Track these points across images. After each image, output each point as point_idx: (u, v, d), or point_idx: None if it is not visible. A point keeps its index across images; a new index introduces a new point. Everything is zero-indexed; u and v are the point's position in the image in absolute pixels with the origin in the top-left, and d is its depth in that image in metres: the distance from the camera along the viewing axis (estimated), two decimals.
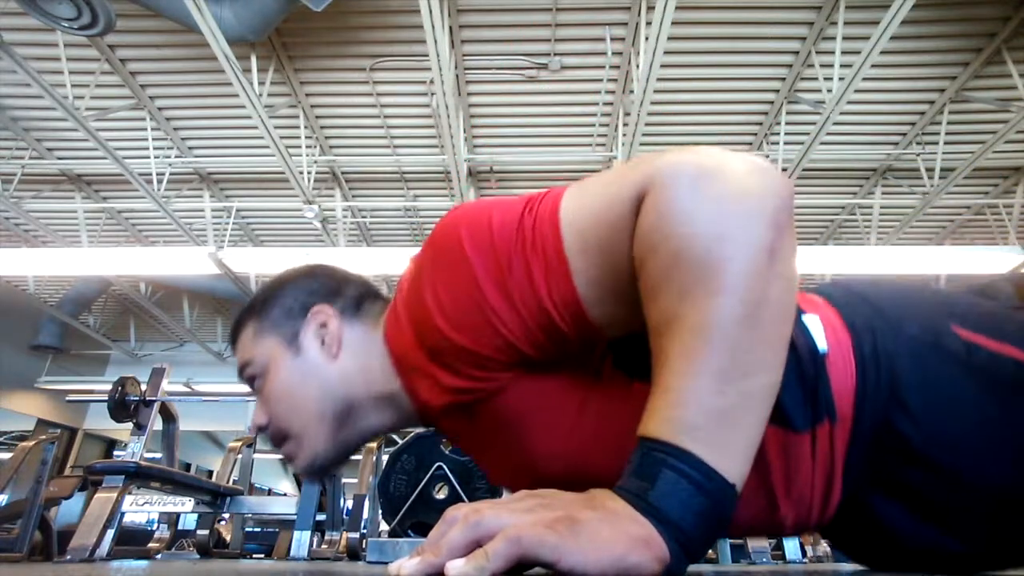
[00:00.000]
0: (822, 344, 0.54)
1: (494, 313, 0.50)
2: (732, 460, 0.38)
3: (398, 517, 2.66)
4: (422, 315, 0.54)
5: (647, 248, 0.43)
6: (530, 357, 0.52)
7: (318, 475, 0.67)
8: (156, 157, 4.68)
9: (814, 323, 0.55)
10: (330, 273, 0.72)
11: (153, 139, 4.61)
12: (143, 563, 2.05)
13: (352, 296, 0.69)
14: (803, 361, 0.53)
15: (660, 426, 0.39)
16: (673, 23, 3.08)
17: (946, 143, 4.45)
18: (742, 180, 0.42)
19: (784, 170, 4.38)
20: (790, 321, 0.42)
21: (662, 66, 3.37)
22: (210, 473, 10.40)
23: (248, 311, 0.70)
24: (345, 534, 3.34)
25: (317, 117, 4.57)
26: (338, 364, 0.64)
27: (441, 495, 2.72)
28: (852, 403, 0.53)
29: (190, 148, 4.91)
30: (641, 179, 0.45)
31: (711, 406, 0.38)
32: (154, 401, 3.54)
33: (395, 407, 0.64)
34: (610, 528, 0.36)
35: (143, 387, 3.58)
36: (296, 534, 3.05)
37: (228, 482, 3.55)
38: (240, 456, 3.81)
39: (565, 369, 0.55)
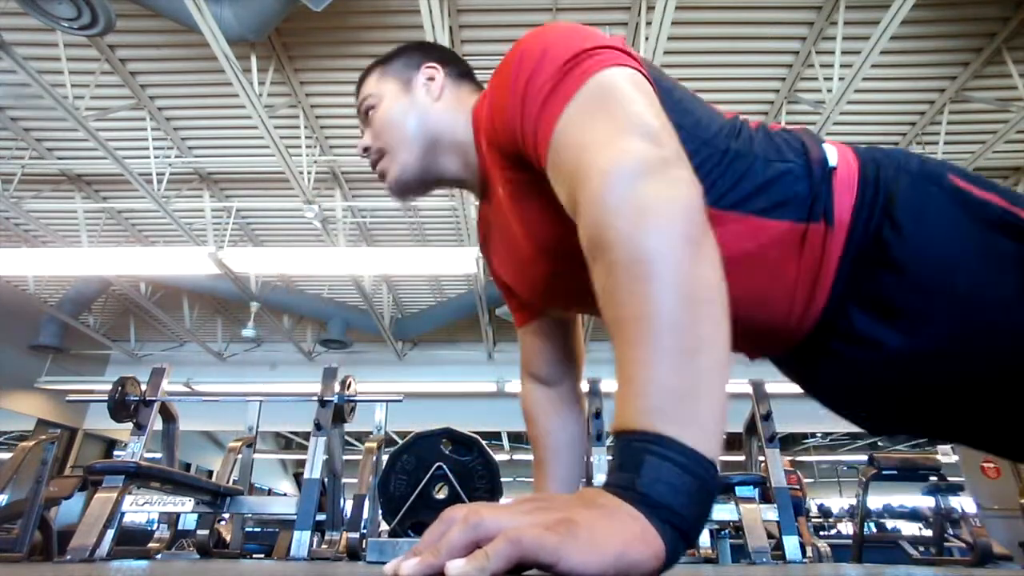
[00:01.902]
0: (833, 160, 0.62)
1: (514, 115, 0.61)
2: (704, 437, 0.39)
3: (398, 517, 2.67)
4: (491, 105, 0.67)
5: (589, 256, 0.48)
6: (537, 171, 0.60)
7: (404, 190, 0.82)
8: (156, 157, 4.68)
9: (830, 148, 0.64)
10: (446, 48, 0.90)
11: (153, 139, 4.61)
12: (143, 563, 2.06)
13: (459, 68, 0.85)
14: (813, 169, 0.61)
15: (632, 417, 0.40)
16: (673, 23, 3.08)
17: (946, 143, 4.45)
18: (647, 179, 0.46)
19: None
20: (725, 302, 0.44)
21: (662, 66, 3.37)
22: (210, 473, 10.40)
23: (377, 62, 0.86)
24: (345, 534, 3.34)
25: (317, 117, 4.57)
26: (436, 106, 0.80)
27: (441, 495, 2.72)
28: (850, 213, 0.60)
29: (190, 148, 4.91)
30: (577, 173, 0.51)
31: (671, 387, 0.40)
32: (154, 401, 3.54)
33: (464, 160, 0.80)
34: (607, 526, 0.36)
35: (143, 387, 3.59)
36: (296, 534, 3.05)
37: (228, 482, 3.55)
38: (240, 456, 3.81)
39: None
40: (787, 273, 0.61)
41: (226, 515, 3.85)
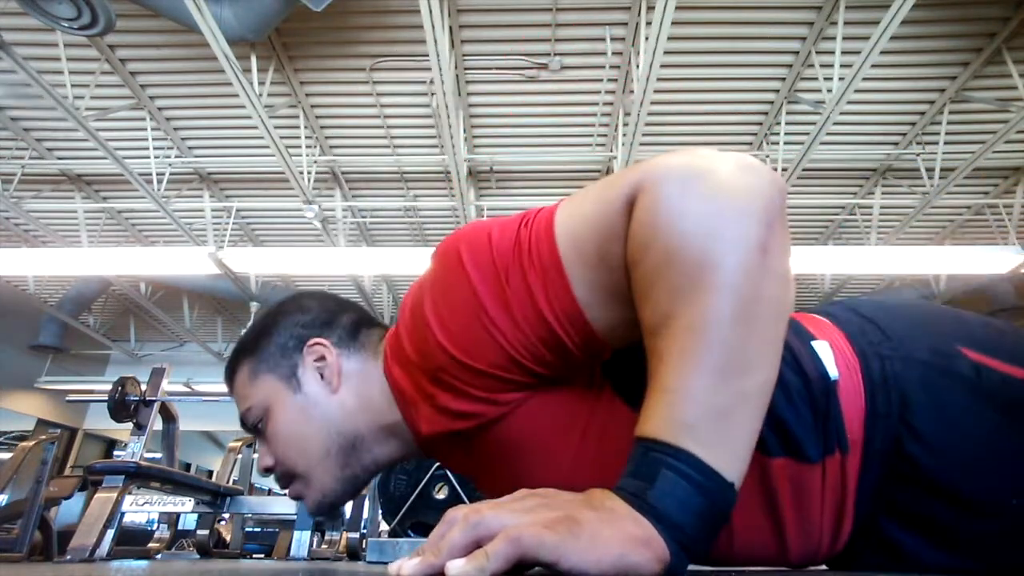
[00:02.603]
0: (833, 371, 0.53)
1: (496, 328, 0.50)
2: (730, 459, 0.38)
3: (398, 517, 2.67)
4: (424, 334, 0.53)
5: (639, 249, 0.43)
6: (533, 373, 0.52)
7: (328, 513, 0.66)
8: (156, 157, 4.67)
9: (824, 350, 0.54)
10: (322, 301, 0.70)
11: (153, 139, 4.61)
12: (143, 563, 2.05)
13: (347, 325, 0.67)
14: (814, 389, 0.52)
15: (658, 426, 0.39)
16: (673, 23, 3.08)
17: (946, 143, 4.45)
18: (732, 178, 0.43)
19: (784, 170, 4.38)
20: (785, 318, 0.42)
21: (662, 66, 3.37)
22: (210, 473, 10.40)
23: (241, 351, 0.68)
24: (345, 534, 3.34)
25: (317, 117, 4.57)
26: (339, 398, 0.63)
27: (441, 495, 2.72)
28: (862, 430, 0.52)
29: (190, 148, 4.91)
30: (632, 182, 0.45)
31: (708, 405, 0.38)
32: (154, 401, 3.54)
33: (398, 438, 0.63)
34: (610, 528, 0.36)
35: (143, 387, 3.59)
36: (296, 534, 3.05)
37: (228, 482, 3.55)
38: (240, 456, 3.81)
39: (565, 397, 0.54)
40: (812, 508, 0.53)
41: (226, 515, 3.84)
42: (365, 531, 3.38)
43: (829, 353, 0.54)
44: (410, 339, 0.56)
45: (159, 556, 3.70)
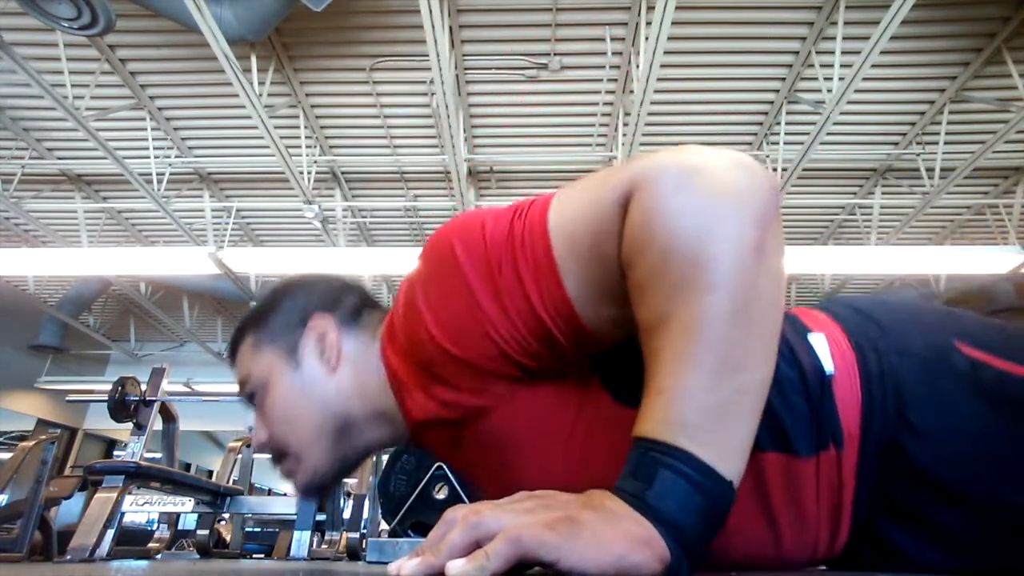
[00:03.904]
0: (829, 366, 0.53)
1: (487, 320, 0.50)
2: (728, 457, 0.38)
3: (398, 517, 2.67)
4: (416, 325, 0.54)
5: (634, 248, 0.43)
6: (523, 367, 0.52)
7: (317, 493, 0.67)
8: (156, 157, 4.67)
9: (820, 343, 0.54)
10: (328, 281, 0.71)
11: (153, 139, 4.61)
12: (143, 563, 2.05)
13: (351, 305, 0.68)
14: (810, 384, 0.52)
15: (656, 426, 0.39)
16: (673, 23, 3.08)
17: (946, 143, 4.45)
18: (726, 177, 0.43)
19: (784, 170, 4.38)
20: (780, 316, 0.42)
21: (662, 66, 3.37)
22: (210, 473, 10.39)
23: (246, 324, 0.69)
24: (345, 534, 3.34)
25: (317, 117, 4.57)
26: (336, 377, 0.63)
27: (441, 495, 2.72)
28: (859, 424, 0.52)
29: (190, 148, 4.91)
30: (627, 179, 0.45)
31: (705, 404, 0.38)
32: (154, 401, 3.54)
33: (391, 423, 0.63)
34: (610, 528, 0.36)
35: (143, 387, 3.59)
36: (296, 534, 3.05)
37: (228, 482, 3.55)
38: (240, 456, 3.81)
39: (554, 390, 0.54)
40: (807, 505, 0.52)
41: (226, 515, 3.85)
42: (365, 531, 3.38)
43: (825, 347, 0.54)
44: (403, 329, 0.56)
45: (159, 556, 3.70)
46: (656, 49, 3.18)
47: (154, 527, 5.40)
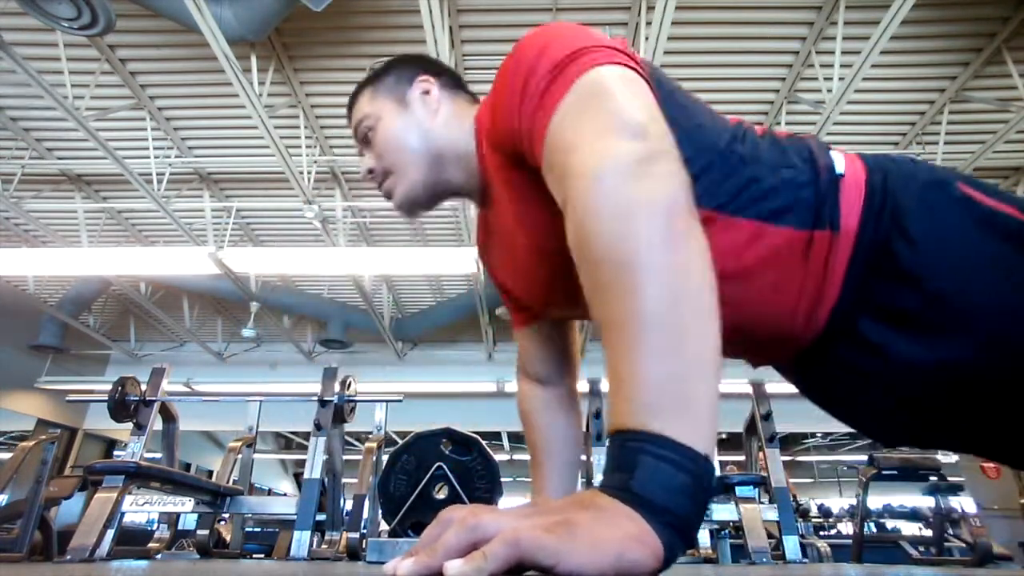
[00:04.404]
0: (840, 168, 0.62)
1: (515, 108, 0.61)
2: (699, 432, 0.39)
3: (398, 517, 2.67)
4: (494, 102, 0.68)
5: (574, 252, 0.48)
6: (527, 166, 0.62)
7: (413, 207, 0.81)
8: (156, 157, 4.68)
9: (837, 156, 0.64)
10: (435, 59, 0.88)
11: (153, 139, 4.61)
12: (143, 563, 2.06)
13: (452, 79, 0.84)
14: (820, 177, 0.61)
15: (625, 417, 0.40)
16: (673, 23, 3.08)
17: (946, 143, 4.45)
18: (631, 176, 0.46)
19: None
20: (712, 290, 0.44)
21: (662, 66, 3.37)
22: (210, 473, 10.40)
23: (366, 80, 0.84)
24: (345, 534, 3.34)
25: (317, 117, 4.57)
26: (436, 121, 0.79)
27: (441, 495, 2.72)
28: (858, 220, 0.59)
29: (190, 148, 4.91)
30: (565, 178, 0.51)
31: (664, 385, 0.40)
32: (154, 401, 3.55)
33: (467, 170, 0.79)
34: (605, 528, 0.36)
35: (143, 387, 3.59)
36: (296, 534, 3.05)
37: (228, 482, 3.55)
38: (240, 456, 3.81)
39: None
40: (791, 279, 0.60)
41: (226, 515, 3.85)
42: (365, 531, 3.38)
43: (841, 159, 0.63)
44: (492, 105, 0.69)
45: (159, 556, 3.70)
46: (656, 49, 3.18)
47: (154, 527, 5.40)
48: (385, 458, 2.95)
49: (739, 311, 0.61)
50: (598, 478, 3.63)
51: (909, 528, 8.89)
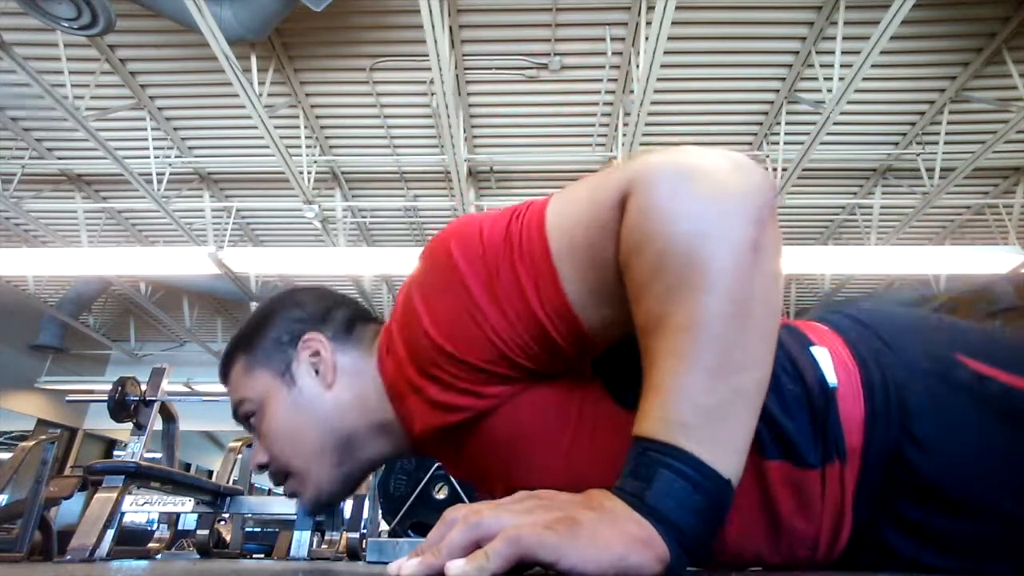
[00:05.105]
0: (832, 378, 0.53)
1: (485, 321, 0.50)
2: (727, 456, 0.39)
3: (398, 517, 2.66)
4: (414, 327, 0.53)
5: (632, 249, 0.43)
6: (522, 368, 0.52)
7: (325, 510, 0.66)
8: (156, 157, 4.67)
9: (823, 356, 0.54)
10: (318, 296, 0.70)
11: (153, 139, 4.61)
12: (143, 563, 2.05)
13: (342, 320, 0.67)
14: (813, 396, 0.52)
15: (654, 425, 0.39)
16: (673, 23, 3.08)
17: (946, 143, 4.45)
18: (723, 177, 0.43)
19: (784, 170, 4.38)
20: (777, 315, 0.42)
21: (662, 66, 3.37)
22: (210, 473, 10.40)
23: (236, 346, 0.68)
24: (345, 534, 3.33)
25: (317, 117, 4.57)
26: (334, 394, 0.62)
27: (441, 495, 2.72)
28: (862, 436, 0.52)
29: (190, 148, 4.91)
30: (624, 180, 0.45)
31: (703, 403, 0.39)
32: (154, 401, 3.54)
33: (392, 436, 0.63)
34: (610, 528, 0.36)
35: (143, 387, 3.58)
36: (296, 534, 3.04)
37: (228, 482, 3.55)
38: (240, 456, 3.81)
39: (554, 392, 0.54)
40: (808, 515, 0.52)
41: (226, 515, 3.84)
42: (365, 531, 3.38)
43: (828, 360, 0.54)
44: (400, 333, 0.56)
45: (159, 556, 3.70)
46: (656, 49, 3.18)
47: (154, 527, 5.40)
48: None
49: (743, 548, 0.54)
50: None
51: None
